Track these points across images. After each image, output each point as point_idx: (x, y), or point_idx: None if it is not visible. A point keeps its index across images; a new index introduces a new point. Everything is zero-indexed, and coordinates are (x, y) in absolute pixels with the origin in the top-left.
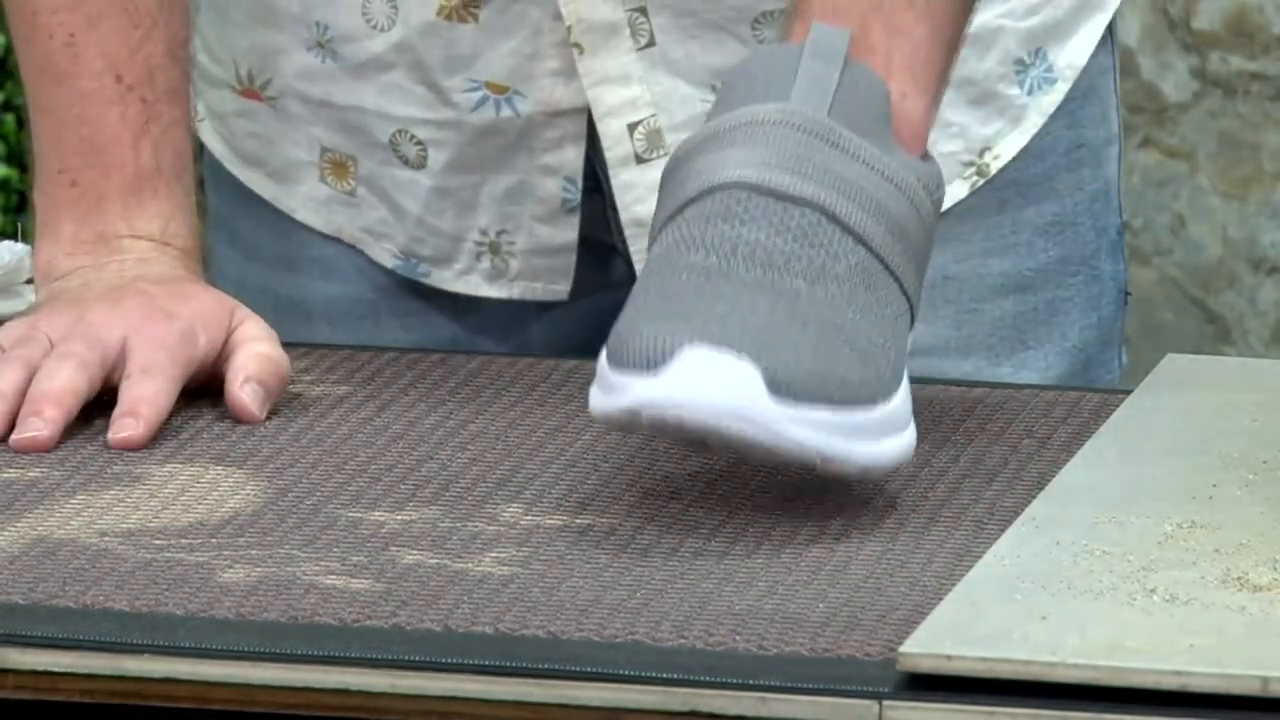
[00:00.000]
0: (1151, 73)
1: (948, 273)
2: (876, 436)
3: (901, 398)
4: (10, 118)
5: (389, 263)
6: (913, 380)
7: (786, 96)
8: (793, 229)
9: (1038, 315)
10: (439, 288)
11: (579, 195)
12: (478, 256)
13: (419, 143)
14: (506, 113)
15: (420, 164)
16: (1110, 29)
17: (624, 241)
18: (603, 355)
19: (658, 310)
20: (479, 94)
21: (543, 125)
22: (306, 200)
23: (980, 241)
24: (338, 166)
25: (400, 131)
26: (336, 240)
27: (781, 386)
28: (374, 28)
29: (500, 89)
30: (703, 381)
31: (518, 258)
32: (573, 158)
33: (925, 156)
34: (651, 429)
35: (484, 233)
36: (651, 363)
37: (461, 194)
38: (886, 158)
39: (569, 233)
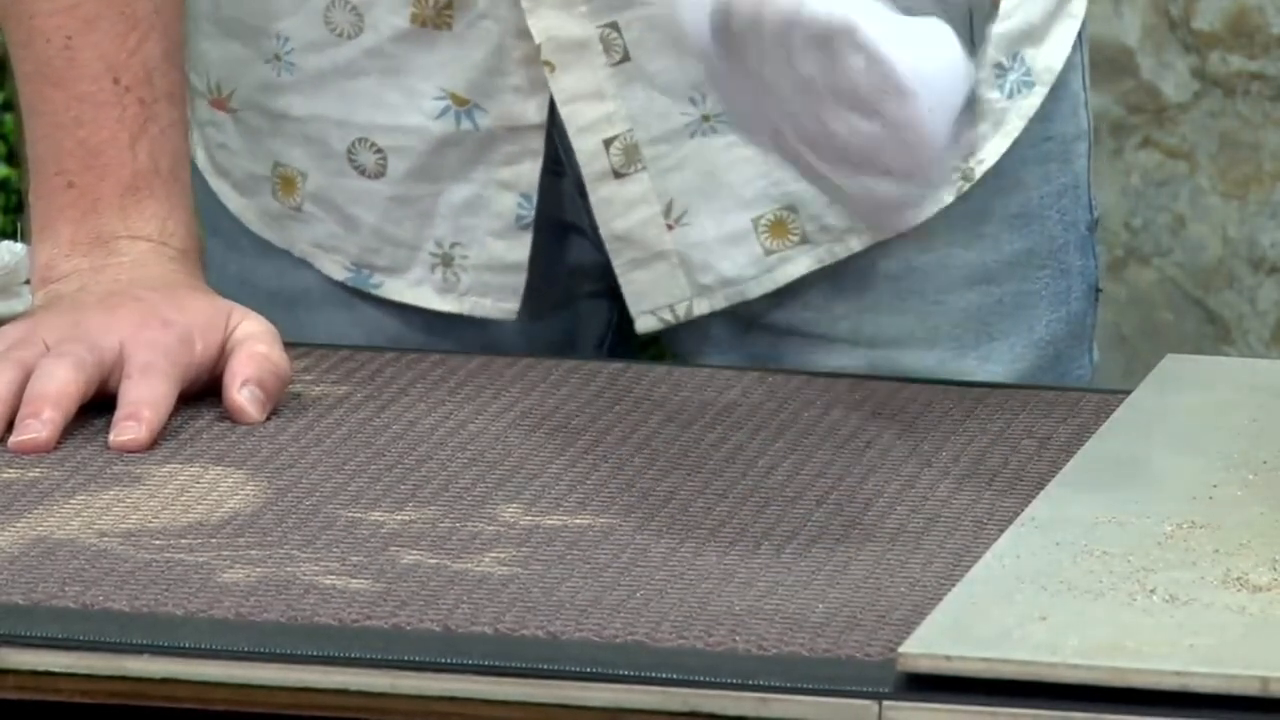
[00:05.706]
0: (1151, 73)
1: (913, 264)
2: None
3: None
4: (10, 117)
5: (339, 275)
6: (902, 378)
7: None
8: None
9: (1003, 307)
10: (390, 299)
11: (533, 212)
12: (431, 268)
13: (379, 150)
14: (466, 125)
15: (378, 173)
16: (1080, 29)
17: (591, 222)
18: None
19: None
20: (443, 103)
21: (502, 139)
22: (262, 214)
23: (945, 233)
24: (287, 182)
25: (360, 140)
26: None
27: None
28: (339, 35)
29: (462, 101)
30: None
31: (469, 272)
32: (528, 172)
33: None
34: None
35: (439, 244)
36: None
37: (421, 203)
38: None
39: (521, 251)
